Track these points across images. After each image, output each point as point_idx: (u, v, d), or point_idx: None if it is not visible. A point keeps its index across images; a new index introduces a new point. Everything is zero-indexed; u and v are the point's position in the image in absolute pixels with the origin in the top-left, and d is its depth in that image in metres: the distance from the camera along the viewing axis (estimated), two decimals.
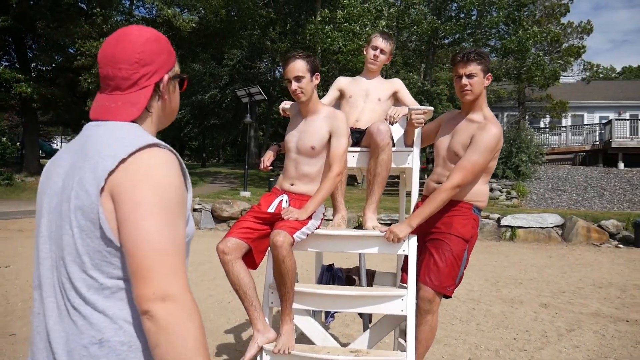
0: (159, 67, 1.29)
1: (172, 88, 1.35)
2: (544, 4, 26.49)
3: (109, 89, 1.26)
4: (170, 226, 1.09)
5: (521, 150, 19.52)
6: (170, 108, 1.36)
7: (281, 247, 2.48)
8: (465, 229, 2.83)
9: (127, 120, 1.23)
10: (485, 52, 2.95)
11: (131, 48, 1.25)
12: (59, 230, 1.16)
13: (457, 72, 2.88)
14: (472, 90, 2.86)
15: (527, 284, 7.45)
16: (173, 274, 1.07)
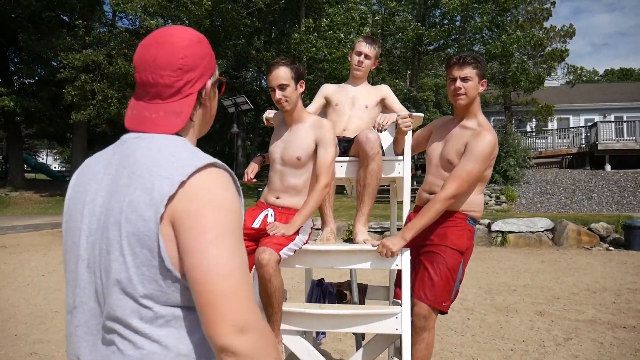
0: (203, 72, 1.18)
1: (213, 94, 1.26)
2: (527, 9, 26.70)
3: (148, 96, 1.15)
4: (238, 251, 1.03)
5: (509, 154, 19.52)
6: (210, 115, 1.27)
7: (267, 265, 2.33)
8: (460, 240, 2.69)
9: (171, 132, 1.13)
10: (481, 58, 2.83)
11: (174, 52, 1.14)
12: (106, 256, 1.07)
13: (452, 74, 2.75)
14: (467, 94, 2.74)
15: (521, 290, 7.34)
16: (247, 302, 1.01)
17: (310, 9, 22.49)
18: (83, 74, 18.69)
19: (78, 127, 22.37)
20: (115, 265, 1.04)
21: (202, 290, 0.99)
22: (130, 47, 20.17)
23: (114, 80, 19.40)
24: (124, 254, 1.04)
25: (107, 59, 19.10)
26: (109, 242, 1.06)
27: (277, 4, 21.28)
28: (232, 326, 0.97)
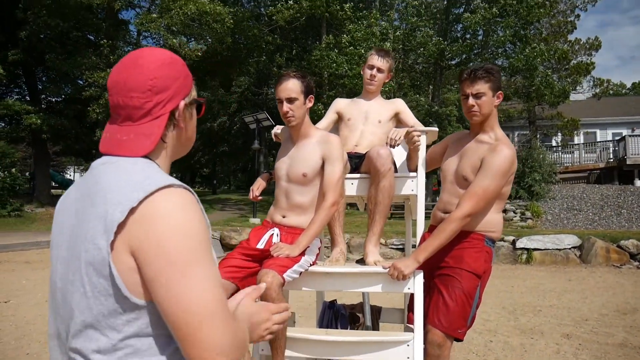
0: (175, 93, 1.16)
1: (189, 115, 1.23)
2: (550, 22, 26.36)
3: (120, 119, 1.15)
4: (209, 273, 1.01)
5: (534, 169, 19.15)
6: (186, 137, 1.24)
7: (269, 288, 2.22)
8: (477, 263, 2.54)
9: (140, 154, 1.12)
10: (495, 68, 2.67)
11: (144, 74, 1.13)
12: (70, 287, 1.06)
13: (464, 91, 2.62)
14: (480, 112, 2.60)
15: (547, 311, 7.07)
16: (224, 324, 1.00)
17: (331, 26, 22.58)
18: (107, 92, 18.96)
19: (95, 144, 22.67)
20: (76, 297, 1.03)
21: (177, 322, 0.97)
22: None
23: None
24: (83, 284, 1.02)
25: None
26: (73, 272, 1.05)
27: (297, 22, 21.38)
28: (215, 353, 0.97)
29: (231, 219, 18.11)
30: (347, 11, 20.31)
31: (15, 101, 21.82)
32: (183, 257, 0.98)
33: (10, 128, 23.81)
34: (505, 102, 24.70)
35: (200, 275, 0.98)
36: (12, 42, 20.96)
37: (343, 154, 2.64)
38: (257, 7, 27.23)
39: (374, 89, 3.18)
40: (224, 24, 19.57)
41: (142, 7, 23.09)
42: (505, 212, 18.23)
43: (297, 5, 19.80)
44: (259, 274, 2.29)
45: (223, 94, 32.54)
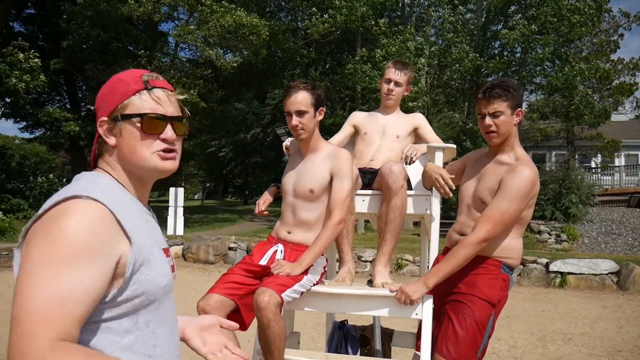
0: (102, 111, 1.23)
1: (119, 131, 1.22)
2: (592, 41, 25.73)
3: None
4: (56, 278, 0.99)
5: (571, 190, 18.56)
6: (122, 153, 1.23)
7: (265, 308, 2.11)
8: (492, 290, 2.37)
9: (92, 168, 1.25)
10: (513, 83, 2.50)
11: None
12: None
13: (480, 110, 2.47)
14: (498, 132, 2.44)
15: (578, 339, 6.74)
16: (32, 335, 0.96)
17: (366, 40, 22.55)
18: None
19: None
20: None
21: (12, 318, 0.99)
22: (189, 76, 20.78)
23: None
24: None
25: None
26: None
27: (332, 35, 21.42)
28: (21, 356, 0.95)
29: (260, 230, 18.12)
30: (381, 26, 20.25)
31: (55, 108, 22.43)
32: (37, 257, 1.00)
33: (50, 134, 24.47)
34: (542, 121, 24.15)
35: (47, 279, 0.98)
36: (55, 52, 21.62)
37: (353, 169, 2.53)
38: (293, 20, 27.48)
39: (392, 103, 3.06)
40: (260, 36, 19.73)
41: (180, 19, 23.52)
42: (539, 234, 17.72)
43: (332, 20, 19.85)
44: (256, 293, 2.18)
45: (257, 106, 32.87)
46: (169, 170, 1.25)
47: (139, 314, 1.13)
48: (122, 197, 1.18)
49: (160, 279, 1.17)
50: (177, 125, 1.25)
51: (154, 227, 1.28)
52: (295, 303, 2.33)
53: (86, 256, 1.02)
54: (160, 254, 1.21)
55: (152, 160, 1.22)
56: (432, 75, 22.95)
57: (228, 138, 36.33)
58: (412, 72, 3.10)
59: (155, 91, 1.23)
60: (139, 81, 1.24)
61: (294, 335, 2.78)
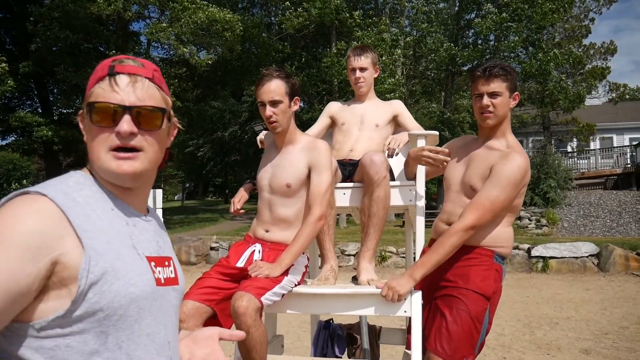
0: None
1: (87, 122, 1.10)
2: (564, 26, 25.95)
3: None
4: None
5: (549, 175, 18.72)
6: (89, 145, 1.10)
7: (244, 314, 1.97)
8: (485, 282, 2.26)
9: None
10: (512, 67, 2.39)
11: None
12: None
13: (478, 89, 2.35)
14: (495, 113, 2.33)
15: (564, 324, 6.74)
16: None
17: (341, 34, 22.42)
18: None
19: None
20: None
21: None
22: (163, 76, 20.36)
23: None
24: None
25: None
26: None
27: (307, 29, 21.24)
28: None
29: (242, 228, 17.91)
30: (356, 19, 20.15)
31: (27, 113, 21.91)
32: None
33: (22, 140, 23.92)
34: (518, 108, 24.32)
35: None
36: (24, 55, 21.07)
37: (331, 162, 2.40)
38: (267, 16, 27.20)
39: (365, 90, 2.95)
40: (234, 31, 19.47)
41: (152, 17, 23.11)
42: (520, 220, 17.83)
43: (307, 14, 19.68)
44: (233, 298, 2.05)
45: (234, 104, 32.54)
46: (124, 174, 1.06)
47: (107, 332, 0.98)
48: (93, 197, 1.05)
49: (130, 289, 1.00)
50: (143, 117, 1.07)
51: (141, 233, 1.12)
52: (276, 306, 2.20)
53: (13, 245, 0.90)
54: (137, 261, 1.05)
55: (105, 161, 1.06)
56: (407, 66, 22.93)
57: (206, 137, 35.98)
58: (374, 53, 2.98)
59: (118, 77, 1.07)
60: (105, 67, 1.09)
61: (277, 338, 2.66)
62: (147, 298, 1.04)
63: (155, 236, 1.17)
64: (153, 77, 1.12)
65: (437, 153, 2.40)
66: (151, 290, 1.06)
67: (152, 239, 1.14)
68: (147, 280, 1.05)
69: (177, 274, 1.20)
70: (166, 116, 1.14)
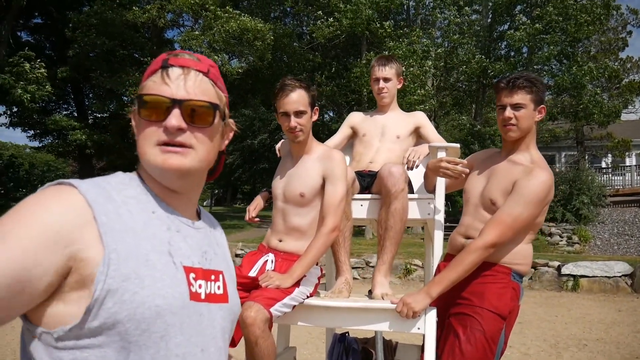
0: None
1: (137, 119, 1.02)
2: (600, 39, 25.42)
3: None
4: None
5: (582, 192, 18.28)
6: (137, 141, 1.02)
7: (252, 325, 1.94)
8: (501, 301, 2.18)
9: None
10: (539, 79, 2.32)
11: None
12: None
13: (501, 101, 2.28)
14: (518, 125, 2.25)
15: (593, 346, 6.52)
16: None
17: (372, 44, 22.42)
18: None
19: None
20: None
21: None
22: None
23: None
24: None
25: None
26: None
27: (337, 39, 21.31)
28: None
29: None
30: (387, 29, 20.13)
31: (62, 117, 22.50)
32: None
33: (58, 143, 24.54)
34: (551, 122, 23.86)
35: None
36: (62, 60, 21.67)
37: (347, 172, 2.36)
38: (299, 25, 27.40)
39: (388, 101, 2.91)
40: (265, 40, 19.67)
41: (185, 26, 23.57)
42: (550, 236, 17.45)
43: (337, 24, 19.75)
44: (242, 307, 2.02)
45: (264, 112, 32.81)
46: (172, 168, 0.98)
47: (129, 348, 0.87)
48: (135, 198, 0.98)
49: (157, 301, 0.89)
50: (194, 112, 1.00)
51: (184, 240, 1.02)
52: (286, 317, 2.16)
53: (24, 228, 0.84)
54: (170, 269, 0.95)
55: (152, 155, 0.98)
56: (438, 78, 22.76)
57: (235, 144, 36.32)
58: (398, 64, 2.94)
59: (171, 70, 1.00)
60: (159, 61, 1.04)
61: (289, 350, 2.62)
62: (177, 313, 0.93)
63: (204, 245, 1.07)
64: (208, 72, 1.04)
65: (455, 164, 2.34)
66: (182, 305, 0.94)
67: (197, 248, 1.04)
68: (179, 293, 0.94)
69: (227, 291, 1.08)
70: (219, 114, 1.05)
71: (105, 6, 18.82)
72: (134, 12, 18.38)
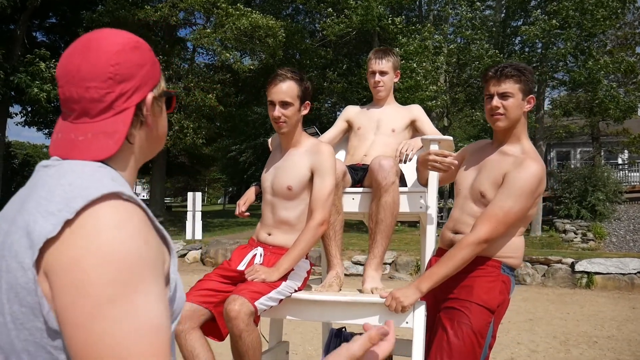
0: (141, 83, 0.95)
1: (159, 110, 1.02)
2: (616, 34, 25.02)
3: (74, 115, 0.93)
4: (134, 311, 0.74)
5: (597, 188, 18.05)
6: (157, 135, 1.02)
7: (236, 318, 1.93)
8: (490, 295, 2.15)
9: (102, 157, 0.90)
10: (528, 68, 2.27)
11: (103, 59, 0.92)
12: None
13: (489, 90, 2.25)
14: (506, 115, 2.21)
15: (604, 343, 6.42)
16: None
17: (384, 41, 22.33)
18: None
19: (157, 158, 23.28)
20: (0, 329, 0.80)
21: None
22: (207, 81, 20.88)
23: (190, 112, 20.11)
24: (3, 313, 0.78)
25: (185, 91, 19.86)
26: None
27: (348, 36, 21.25)
28: None
29: None
30: (398, 25, 20.02)
31: None
32: (99, 292, 0.73)
33: None
34: (566, 118, 23.57)
35: (121, 318, 0.73)
36: None
37: (335, 165, 2.34)
38: (311, 23, 27.36)
39: (384, 94, 2.88)
40: (277, 37, 19.69)
41: (197, 24, 23.66)
42: (565, 233, 17.25)
43: (348, 20, 19.70)
44: (226, 301, 2.01)
45: None
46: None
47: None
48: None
49: (184, 294, 0.96)
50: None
51: None
52: (274, 311, 2.15)
53: (152, 272, 0.79)
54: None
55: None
56: (451, 74, 22.59)
57: (249, 142, 36.43)
58: (396, 57, 2.91)
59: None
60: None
61: (281, 345, 2.61)
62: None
63: None
64: None
65: (444, 157, 2.31)
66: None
67: None
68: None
69: None
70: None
71: (117, 4, 18.96)
72: (146, 10, 18.50)
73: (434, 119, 20.51)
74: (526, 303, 9.00)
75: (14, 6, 19.28)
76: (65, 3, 22.22)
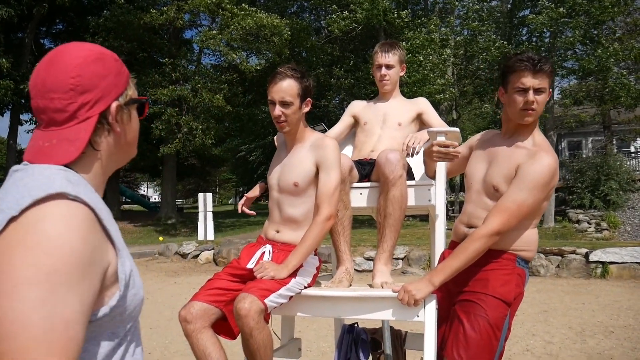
0: (104, 93, 1.02)
1: (127, 117, 1.09)
2: (625, 20, 24.72)
3: (44, 124, 1.01)
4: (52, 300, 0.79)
5: (610, 177, 17.88)
6: (125, 141, 1.10)
7: (246, 316, 1.93)
8: (506, 287, 2.12)
9: (63, 162, 0.97)
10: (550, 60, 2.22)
11: (64, 71, 0.99)
12: None
13: (522, 82, 2.11)
14: (537, 110, 2.15)
15: (620, 333, 6.36)
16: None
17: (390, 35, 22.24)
18: (169, 108, 19.57)
19: (168, 160, 23.40)
20: None
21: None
22: (214, 81, 20.92)
23: (199, 113, 20.18)
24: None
25: (192, 93, 19.90)
26: None
27: (354, 32, 21.19)
28: None
29: None
30: (404, 19, 19.93)
31: None
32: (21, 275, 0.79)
33: None
34: (576, 107, 23.33)
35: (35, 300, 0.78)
36: None
37: (340, 159, 2.32)
38: (317, 20, 27.34)
39: (390, 88, 2.86)
40: (282, 36, 19.68)
41: (203, 25, 23.72)
42: (578, 223, 17.11)
43: (353, 16, 19.64)
44: (236, 299, 2.01)
45: None
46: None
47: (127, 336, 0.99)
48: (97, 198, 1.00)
49: (140, 291, 1.02)
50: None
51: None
52: (284, 308, 2.15)
53: (82, 269, 0.84)
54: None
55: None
56: (458, 66, 22.46)
57: (257, 142, 36.49)
58: (402, 50, 2.89)
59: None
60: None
61: (293, 342, 2.61)
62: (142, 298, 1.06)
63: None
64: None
65: (444, 145, 2.28)
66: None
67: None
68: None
69: None
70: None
71: (122, 9, 19.04)
72: (151, 14, 18.56)
73: (442, 113, 20.41)
74: (541, 294, 8.94)
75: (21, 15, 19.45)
76: (72, 9, 22.34)
